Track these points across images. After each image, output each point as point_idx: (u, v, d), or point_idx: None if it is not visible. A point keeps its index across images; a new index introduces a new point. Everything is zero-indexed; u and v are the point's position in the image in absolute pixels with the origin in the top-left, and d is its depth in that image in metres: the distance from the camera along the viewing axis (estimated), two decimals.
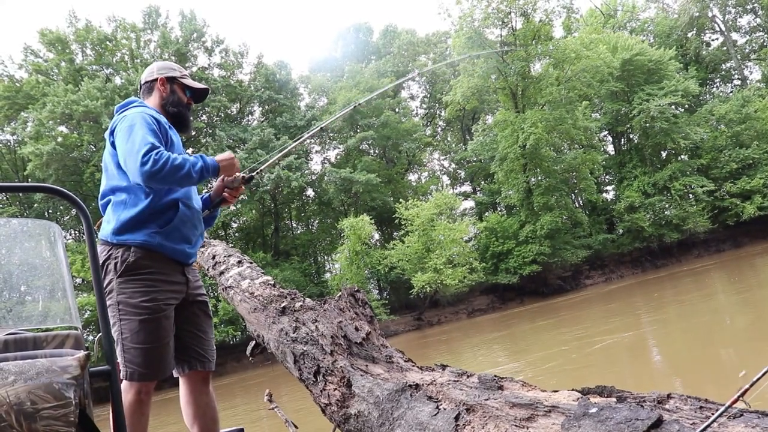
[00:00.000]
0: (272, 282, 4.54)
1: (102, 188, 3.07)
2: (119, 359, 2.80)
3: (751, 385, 1.91)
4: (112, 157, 2.98)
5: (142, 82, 3.37)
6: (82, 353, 1.51)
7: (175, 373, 3.19)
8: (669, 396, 2.03)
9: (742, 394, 1.91)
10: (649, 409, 1.88)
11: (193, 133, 38.20)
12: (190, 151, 38.11)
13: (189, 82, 3.38)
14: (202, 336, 3.28)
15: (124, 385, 2.81)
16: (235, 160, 3.24)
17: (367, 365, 3.33)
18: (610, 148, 46.63)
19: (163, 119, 3.15)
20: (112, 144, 2.97)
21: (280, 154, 4.24)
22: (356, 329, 3.60)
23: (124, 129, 2.89)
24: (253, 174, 3.68)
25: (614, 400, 2.13)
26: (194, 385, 3.27)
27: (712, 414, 1.78)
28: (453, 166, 50.54)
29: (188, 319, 3.19)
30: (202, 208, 3.46)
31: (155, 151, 2.76)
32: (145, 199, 2.93)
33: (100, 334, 1.75)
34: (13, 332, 1.59)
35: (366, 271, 35.25)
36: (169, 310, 2.99)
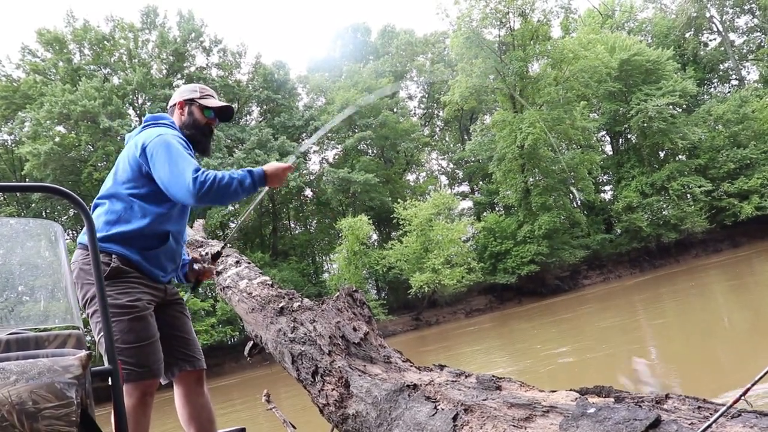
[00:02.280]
0: (270, 282, 4.54)
1: (105, 189, 3.07)
2: None
3: (753, 385, 1.92)
4: (134, 163, 2.99)
5: (168, 107, 3.39)
6: (83, 353, 1.51)
7: (164, 381, 3.15)
8: (667, 396, 2.04)
9: (744, 394, 1.92)
10: (647, 409, 1.89)
11: None
12: None
13: (207, 102, 3.32)
14: (185, 336, 3.28)
15: (126, 388, 2.78)
16: (281, 172, 3.18)
17: (365, 365, 3.33)
18: (608, 148, 46.68)
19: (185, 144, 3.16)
20: (143, 153, 2.97)
21: (255, 204, 4.20)
22: (354, 329, 3.60)
23: (163, 147, 2.92)
24: (222, 248, 3.74)
25: (612, 400, 2.13)
26: (188, 387, 3.27)
27: (711, 414, 1.79)
28: (451, 166, 50.56)
29: (168, 321, 3.19)
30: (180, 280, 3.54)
31: (201, 172, 2.81)
32: (141, 220, 2.96)
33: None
34: (15, 332, 1.60)
35: (364, 271, 35.26)
36: (150, 309, 3.00)
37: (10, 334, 1.57)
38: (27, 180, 32.30)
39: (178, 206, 3.13)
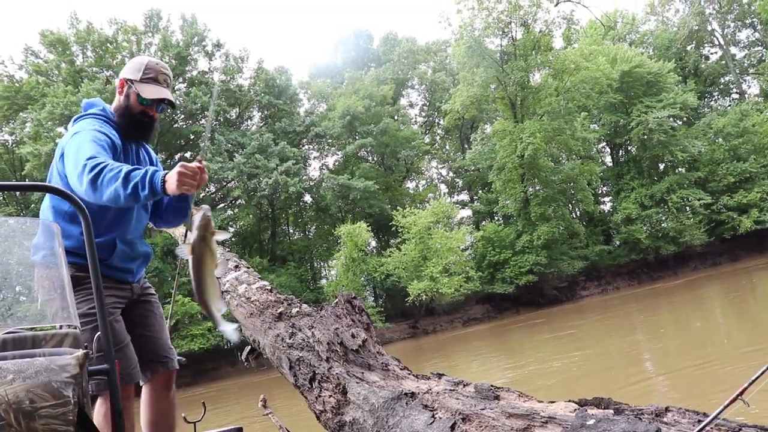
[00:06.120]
0: (269, 287, 4.53)
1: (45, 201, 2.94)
2: None
3: (749, 384, 1.91)
4: (59, 173, 2.83)
5: None
6: (80, 352, 1.51)
7: (141, 382, 3.10)
8: (667, 409, 2.03)
9: (740, 394, 1.91)
10: (647, 421, 1.87)
11: (192, 137, 38.20)
12: (188, 155, 38.12)
13: (144, 89, 2.97)
14: (155, 336, 3.19)
15: (101, 398, 2.71)
16: (181, 175, 2.46)
17: (363, 372, 3.32)
18: (608, 160, 46.73)
19: (109, 130, 2.92)
20: (61, 159, 2.81)
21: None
22: (353, 336, 3.59)
23: (72, 147, 2.73)
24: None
25: (612, 412, 2.12)
26: (155, 389, 3.18)
27: (711, 429, 1.78)
28: (451, 174, 50.54)
29: (137, 321, 3.11)
30: (171, 204, 3.22)
31: (94, 159, 2.55)
32: (78, 237, 2.73)
33: (98, 333, 1.75)
34: (12, 331, 1.59)
35: (362, 278, 35.19)
36: (116, 314, 2.91)
37: (6, 333, 1.56)
38: (27, 180, 32.29)
39: (111, 210, 2.88)
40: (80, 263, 2.61)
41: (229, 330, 2.67)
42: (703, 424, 1.66)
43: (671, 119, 38.49)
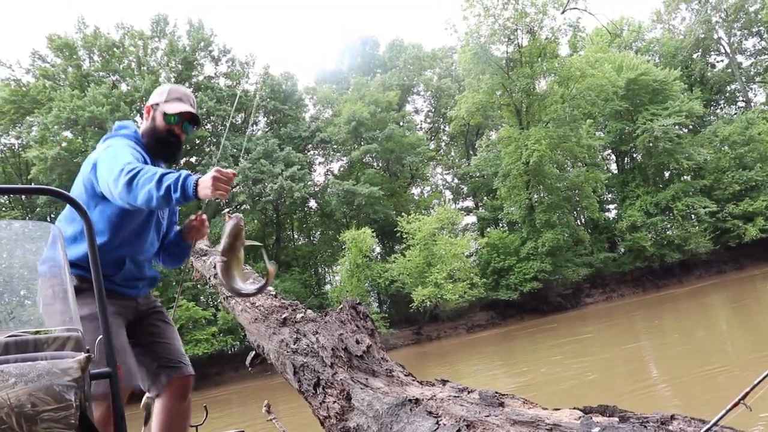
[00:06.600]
0: (273, 292, 4.52)
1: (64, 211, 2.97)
2: None
3: (752, 389, 1.90)
4: (87, 183, 2.87)
5: None
6: (82, 355, 1.50)
7: (154, 392, 3.08)
8: (673, 417, 2.01)
9: (743, 397, 1.90)
10: (652, 429, 1.86)
11: (197, 142, 38.29)
12: (193, 159, 38.18)
13: (169, 107, 3.07)
14: (167, 342, 3.18)
15: (95, 402, 2.69)
16: (216, 180, 2.51)
17: (367, 378, 3.31)
18: (614, 167, 46.68)
19: (140, 149, 3.01)
20: (93, 169, 2.84)
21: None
22: (357, 342, 3.58)
23: (106, 154, 2.82)
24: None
25: (617, 420, 2.10)
26: (171, 397, 3.14)
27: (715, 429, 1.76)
28: (456, 181, 50.57)
29: (148, 331, 3.13)
30: (174, 243, 3.35)
31: (131, 164, 2.63)
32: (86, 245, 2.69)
33: (101, 336, 1.74)
34: (14, 334, 1.59)
35: (366, 284, 35.18)
36: (119, 320, 2.89)
37: (9, 336, 1.56)
38: (33, 184, 32.40)
39: (133, 227, 2.97)
40: (84, 276, 2.62)
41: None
42: (706, 427, 1.65)
43: (677, 127, 38.42)
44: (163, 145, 3.11)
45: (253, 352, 4.42)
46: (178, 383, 3.15)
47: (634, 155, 43.71)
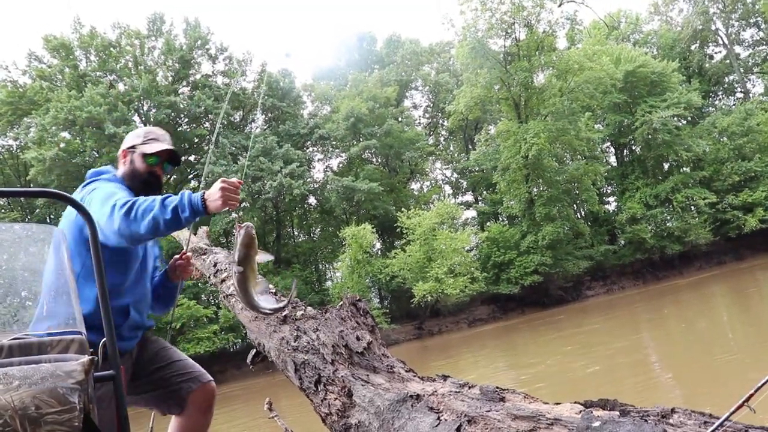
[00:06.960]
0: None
1: None
2: None
3: (756, 391, 1.90)
4: (75, 230, 2.75)
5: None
6: (86, 358, 1.51)
7: (176, 410, 3.08)
8: (673, 410, 2.02)
9: (746, 400, 1.90)
10: (653, 423, 1.87)
11: (196, 141, 38.25)
12: (192, 158, 38.15)
13: (147, 147, 3.02)
14: (176, 359, 3.15)
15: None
16: (225, 191, 2.52)
17: (368, 375, 3.32)
18: (613, 160, 46.65)
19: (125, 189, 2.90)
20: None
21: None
22: (358, 338, 3.59)
23: (95, 195, 2.71)
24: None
25: (617, 413, 2.11)
26: (193, 411, 3.10)
27: (717, 431, 1.77)
28: (455, 175, 50.53)
29: (152, 359, 3.09)
30: (161, 285, 3.32)
31: (124, 198, 2.56)
32: (91, 302, 2.47)
33: (104, 338, 1.75)
34: (18, 337, 1.59)
35: (367, 280, 35.18)
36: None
37: (12, 339, 1.56)
38: (31, 185, 32.38)
39: (132, 274, 2.90)
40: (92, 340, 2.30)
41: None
42: (709, 430, 1.66)
43: (675, 119, 38.40)
44: (146, 185, 3.00)
45: (254, 350, 4.43)
46: (201, 394, 3.11)
47: (633, 147, 43.67)
